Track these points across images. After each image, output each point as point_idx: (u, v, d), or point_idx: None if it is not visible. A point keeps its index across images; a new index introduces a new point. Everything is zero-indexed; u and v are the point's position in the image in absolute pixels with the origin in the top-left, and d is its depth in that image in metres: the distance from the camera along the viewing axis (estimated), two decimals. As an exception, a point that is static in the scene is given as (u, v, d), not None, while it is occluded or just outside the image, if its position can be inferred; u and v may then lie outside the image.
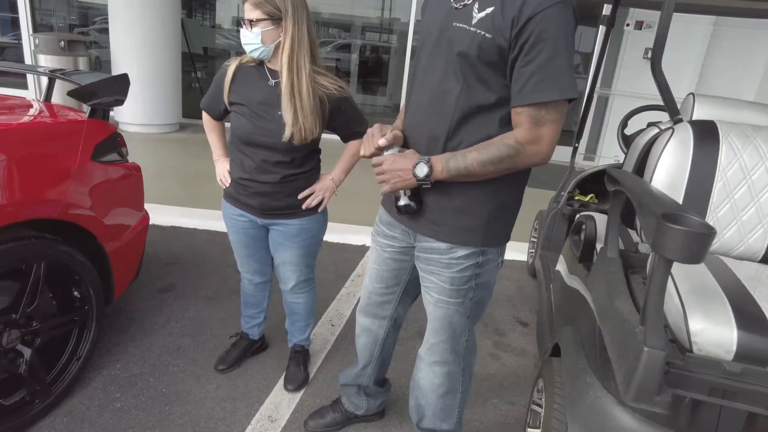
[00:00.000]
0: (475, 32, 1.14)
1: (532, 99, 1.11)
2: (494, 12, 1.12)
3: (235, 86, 1.71)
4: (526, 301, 2.96)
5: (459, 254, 1.32)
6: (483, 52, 1.14)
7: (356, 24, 7.52)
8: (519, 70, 1.12)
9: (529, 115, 1.13)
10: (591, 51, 6.55)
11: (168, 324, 2.37)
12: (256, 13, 1.55)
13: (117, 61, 5.49)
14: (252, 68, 1.70)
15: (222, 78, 1.72)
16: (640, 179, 1.27)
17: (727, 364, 1.07)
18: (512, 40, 1.10)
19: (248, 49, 1.61)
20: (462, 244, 1.31)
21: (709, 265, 1.35)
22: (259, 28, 1.56)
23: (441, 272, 1.36)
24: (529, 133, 1.14)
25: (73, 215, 1.76)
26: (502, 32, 1.11)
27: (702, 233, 0.87)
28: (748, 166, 1.47)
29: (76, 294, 1.84)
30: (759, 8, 2.36)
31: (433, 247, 1.35)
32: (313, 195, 1.80)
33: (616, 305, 1.22)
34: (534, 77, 1.09)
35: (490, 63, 1.15)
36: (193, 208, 3.64)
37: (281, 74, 1.60)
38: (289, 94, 1.59)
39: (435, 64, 1.25)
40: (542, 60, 1.08)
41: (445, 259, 1.34)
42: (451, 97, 1.21)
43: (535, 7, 1.06)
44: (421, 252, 1.40)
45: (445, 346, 1.48)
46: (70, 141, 1.81)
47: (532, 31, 1.07)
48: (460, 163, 1.19)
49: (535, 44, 1.08)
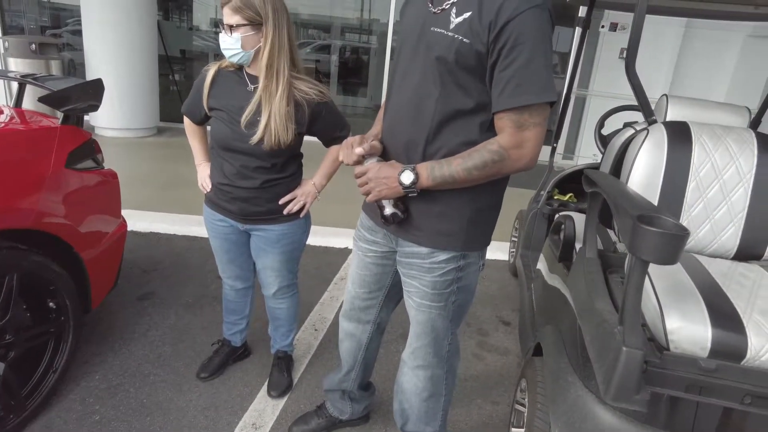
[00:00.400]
0: (453, 37, 1.14)
1: (512, 103, 1.11)
2: (472, 17, 1.12)
3: (215, 91, 1.69)
4: (509, 301, 2.99)
5: (440, 258, 1.33)
6: (461, 56, 1.14)
7: (336, 25, 7.50)
8: (498, 74, 1.12)
9: (511, 119, 1.13)
10: (568, 51, 6.66)
11: (148, 332, 2.33)
12: (235, 18, 1.53)
13: (92, 65, 5.38)
14: (231, 73, 1.68)
15: (201, 83, 1.70)
16: (616, 180, 1.30)
17: (703, 360, 1.09)
18: (490, 44, 1.10)
19: (228, 54, 1.59)
20: (443, 248, 1.32)
21: (684, 263, 1.38)
22: (239, 33, 1.54)
23: (422, 277, 1.36)
24: (512, 138, 1.14)
25: (47, 224, 1.72)
26: (479, 37, 1.11)
27: (676, 234, 0.89)
28: (720, 165, 1.50)
29: (52, 305, 1.80)
30: (728, 11, 2.42)
31: (414, 252, 1.35)
32: (294, 200, 1.78)
33: (595, 305, 1.24)
34: (513, 81, 1.09)
35: (469, 68, 1.15)
36: (172, 213, 3.58)
37: (259, 79, 1.59)
38: (264, 98, 1.59)
39: (413, 68, 1.24)
40: (520, 64, 1.08)
41: (426, 264, 1.34)
42: (429, 102, 1.21)
43: (512, 11, 1.06)
44: (402, 257, 1.40)
45: (428, 349, 1.48)
46: (43, 148, 1.77)
47: (509, 35, 1.07)
48: (445, 171, 1.18)
49: (513, 48, 1.08)
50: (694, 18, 4.78)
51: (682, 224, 0.93)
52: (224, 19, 1.55)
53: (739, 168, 1.49)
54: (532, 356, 1.74)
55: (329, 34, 7.68)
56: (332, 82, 7.78)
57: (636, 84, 1.57)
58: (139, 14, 5.33)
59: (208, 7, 7.14)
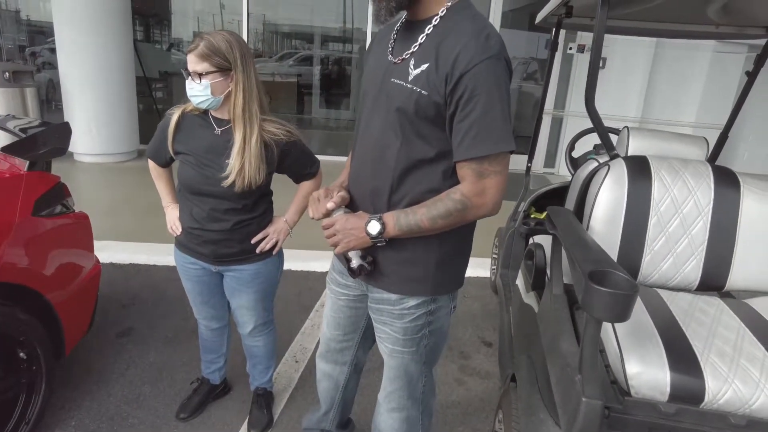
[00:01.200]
0: (412, 89, 1.16)
1: (470, 154, 1.13)
2: (429, 68, 1.13)
3: (180, 136, 1.68)
4: (490, 320, 3.00)
5: (410, 304, 1.33)
6: (420, 108, 1.15)
7: (316, 34, 7.52)
8: (456, 125, 1.13)
9: (471, 169, 1.15)
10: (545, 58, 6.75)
11: (127, 371, 2.31)
12: (203, 66, 1.52)
13: (67, 89, 5.33)
14: (196, 117, 1.68)
15: (165, 127, 1.69)
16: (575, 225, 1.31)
17: (663, 405, 1.11)
18: (447, 96, 1.12)
19: (196, 101, 1.58)
20: (411, 294, 1.32)
21: (645, 300, 1.40)
22: (208, 80, 1.53)
23: (393, 323, 1.37)
24: (473, 186, 1.16)
25: (13, 275, 1.70)
26: (437, 89, 1.12)
27: (625, 294, 0.90)
28: (679, 200, 1.53)
29: (22, 355, 1.78)
30: (690, 30, 2.47)
31: (383, 298, 1.36)
32: (267, 238, 1.78)
33: (560, 346, 1.25)
34: (471, 132, 1.11)
35: (428, 118, 1.17)
36: (151, 243, 3.56)
37: (234, 125, 1.59)
38: (241, 144, 1.58)
39: (375, 118, 1.26)
40: (477, 115, 1.10)
41: (396, 310, 1.35)
42: (391, 152, 1.22)
43: (467, 63, 1.08)
44: (372, 303, 1.41)
45: (402, 393, 1.48)
46: (7, 198, 1.75)
47: (465, 87, 1.09)
48: (411, 220, 1.20)
49: (470, 100, 1.10)
50: (657, 38, 4.88)
51: (633, 281, 0.94)
52: (190, 66, 1.54)
53: (698, 202, 1.52)
54: (509, 384, 1.75)
55: (311, 44, 7.69)
56: (314, 94, 7.79)
57: (596, 119, 1.59)
58: (115, 36, 5.30)
59: (186, 27, 7.13)
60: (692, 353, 1.17)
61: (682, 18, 2.32)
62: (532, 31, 6.99)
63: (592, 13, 2.44)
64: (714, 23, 2.31)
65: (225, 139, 1.63)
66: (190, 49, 1.54)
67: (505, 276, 2.81)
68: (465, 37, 1.10)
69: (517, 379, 1.64)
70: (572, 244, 1.15)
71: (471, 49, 1.08)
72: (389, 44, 1.27)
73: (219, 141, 1.64)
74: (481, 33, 1.11)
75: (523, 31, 7.07)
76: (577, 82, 6.47)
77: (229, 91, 1.57)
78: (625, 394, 1.15)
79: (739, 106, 2.22)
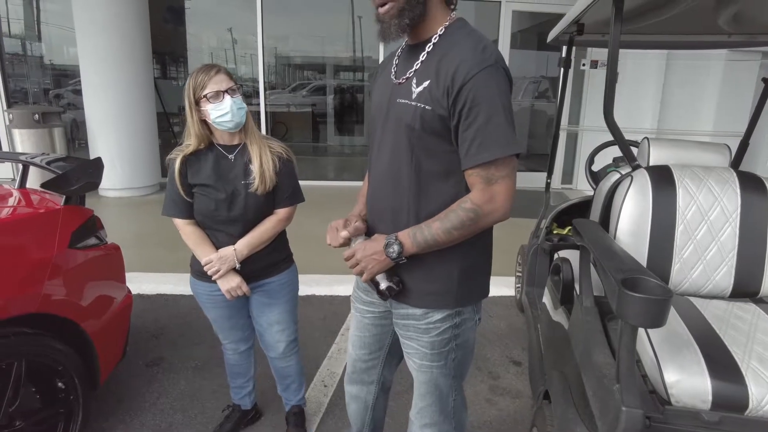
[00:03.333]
0: (416, 105, 1.21)
1: (477, 160, 1.16)
2: (430, 85, 1.19)
3: (191, 172, 1.72)
4: (518, 339, 2.97)
5: (435, 318, 1.35)
6: (425, 123, 1.20)
7: (328, 65, 7.69)
8: (462, 134, 1.18)
9: (479, 175, 1.18)
10: (558, 76, 6.81)
11: (158, 401, 2.33)
12: (231, 83, 1.67)
13: (92, 128, 5.53)
14: (201, 153, 1.73)
15: (172, 175, 1.73)
16: (602, 235, 1.32)
17: (706, 414, 1.09)
18: (450, 108, 1.17)
19: (242, 113, 1.68)
20: (436, 308, 1.34)
21: (679, 309, 1.39)
22: (238, 95, 1.68)
23: (420, 337, 1.38)
24: (482, 194, 1.19)
25: (52, 306, 1.76)
26: (439, 102, 1.17)
27: (660, 299, 0.91)
28: (705, 207, 1.53)
29: (60, 385, 1.82)
30: (703, 41, 2.49)
31: (409, 314, 1.38)
32: (210, 264, 1.73)
33: (594, 358, 1.25)
34: (477, 140, 1.15)
35: (435, 132, 1.21)
36: (176, 273, 3.62)
37: (250, 140, 1.73)
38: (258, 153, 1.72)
39: (386, 138, 1.31)
40: (481, 123, 1.14)
41: (422, 325, 1.37)
42: (405, 170, 1.27)
43: (465, 74, 1.13)
44: (398, 318, 1.43)
45: (433, 408, 1.48)
46: (47, 232, 1.82)
47: (466, 97, 1.14)
48: (426, 235, 1.22)
49: (472, 109, 1.14)
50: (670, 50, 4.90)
51: (666, 286, 0.94)
52: (221, 85, 1.63)
53: (724, 208, 1.51)
54: (542, 401, 1.73)
55: (324, 74, 7.87)
56: (329, 123, 7.93)
57: (616, 132, 1.61)
58: (136, 75, 5.51)
59: (201, 62, 7.35)
60: (732, 360, 1.16)
61: (693, 29, 2.34)
62: (541, 50, 7.08)
63: (604, 29, 2.48)
64: (726, 32, 2.33)
65: (240, 161, 1.72)
66: (216, 71, 1.65)
67: (531, 294, 2.80)
68: (462, 50, 1.16)
69: (550, 395, 1.62)
70: (602, 254, 1.15)
71: (468, 60, 1.13)
72: (392, 68, 1.33)
73: (234, 165, 1.73)
74: (478, 46, 1.16)
75: (532, 50, 7.16)
76: (590, 98, 6.50)
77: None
78: (665, 403, 1.14)
79: (758, 112, 2.22)
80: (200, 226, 1.78)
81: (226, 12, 7.02)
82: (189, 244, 1.79)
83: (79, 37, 5.38)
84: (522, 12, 6.59)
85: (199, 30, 7.04)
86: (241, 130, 1.73)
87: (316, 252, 1.85)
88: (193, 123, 1.67)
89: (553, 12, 6.32)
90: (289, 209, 1.81)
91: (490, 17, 6.56)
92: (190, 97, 1.64)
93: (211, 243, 1.78)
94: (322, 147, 8.01)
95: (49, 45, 6.91)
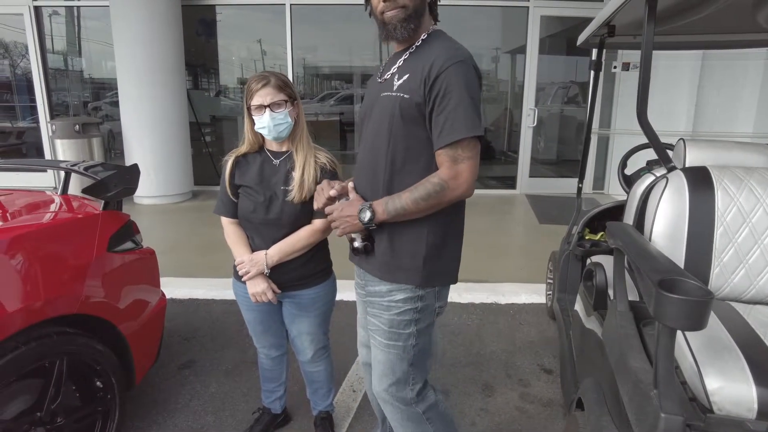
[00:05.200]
0: (396, 95, 1.38)
1: (446, 140, 1.31)
2: (410, 77, 1.37)
3: (238, 173, 1.79)
4: (549, 347, 2.91)
5: (397, 297, 1.46)
6: (404, 110, 1.36)
7: (355, 74, 7.77)
8: (434, 119, 1.34)
9: (447, 155, 1.33)
10: (587, 80, 6.70)
11: (190, 402, 2.38)
12: (281, 96, 1.68)
13: (129, 139, 5.72)
14: (252, 155, 1.80)
15: (224, 174, 1.80)
16: (637, 237, 1.29)
17: (751, 423, 1.04)
18: (426, 95, 1.33)
19: (280, 128, 1.70)
20: (400, 282, 1.44)
21: (719, 314, 1.34)
22: (286, 109, 1.69)
23: (381, 314, 1.49)
24: (449, 171, 1.34)
25: (92, 308, 1.82)
26: (417, 91, 1.34)
27: (700, 301, 0.88)
28: (746, 209, 1.47)
29: (99, 384, 1.87)
30: (743, 40, 2.41)
31: (375, 291, 1.50)
32: (241, 264, 1.77)
33: (630, 364, 1.21)
34: (447, 123, 1.31)
35: (411, 118, 1.37)
36: (208, 278, 3.70)
37: (297, 148, 1.75)
38: (302, 163, 1.73)
39: (370, 127, 1.48)
40: (450, 108, 1.30)
41: (384, 302, 1.47)
42: (382, 153, 1.42)
43: (440, 67, 1.30)
44: (367, 296, 1.53)
45: (390, 392, 1.54)
46: (87, 236, 1.89)
47: (440, 86, 1.30)
48: (397, 204, 1.36)
49: (444, 96, 1.30)
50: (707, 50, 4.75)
51: (706, 288, 0.91)
52: (266, 99, 1.65)
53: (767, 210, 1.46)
54: (575, 409, 1.69)
55: (350, 83, 7.94)
56: (356, 131, 7.99)
57: (650, 133, 1.57)
58: (170, 87, 5.69)
59: (231, 73, 7.53)
60: None
61: (730, 28, 2.28)
62: (570, 55, 6.98)
63: (636, 30, 2.43)
64: (765, 30, 2.25)
65: (284, 168, 1.75)
66: (262, 84, 1.66)
67: (563, 300, 2.74)
68: (438, 49, 1.35)
69: (583, 402, 1.58)
70: (637, 255, 1.13)
71: (443, 56, 1.31)
72: (378, 72, 1.53)
73: (277, 170, 1.75)
74: (452, 46, 1.35)
75: (560, 56, 7.07)
76: (621, 101, 6.37)
77: (296, 118, 1.74)
78: (707, 411, 1.10)
79: None
80: (242, 228, 1.82)
81: (257, 24, 7.17)
82: (228, 243, 1.85)
83: (117, 52, 5.59)
84: (550, 17, 6.52)
85: (229, 41, 7.21)
86: (289, 139, 1.76)
87: (343, 258, 1.86)
88: (247, 127, 1.74)
89: (581, 16, 6.23)
90: (325, 221, 1.73)
91: (518, 23, 6.52)
92: (244, 103, 1.70)
93: (248, 244, 1.81)
94: (350, 155, 8.07)
95: (88, 60, 7.20)
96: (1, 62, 7.13)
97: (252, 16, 7.13)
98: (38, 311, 1.62)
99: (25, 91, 7.00)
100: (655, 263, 1.06)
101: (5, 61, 7.11)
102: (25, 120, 7.21)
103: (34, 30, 6.50)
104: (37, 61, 6.59)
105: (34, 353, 1.60)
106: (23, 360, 1.57)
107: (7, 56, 7.09)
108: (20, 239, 1.65)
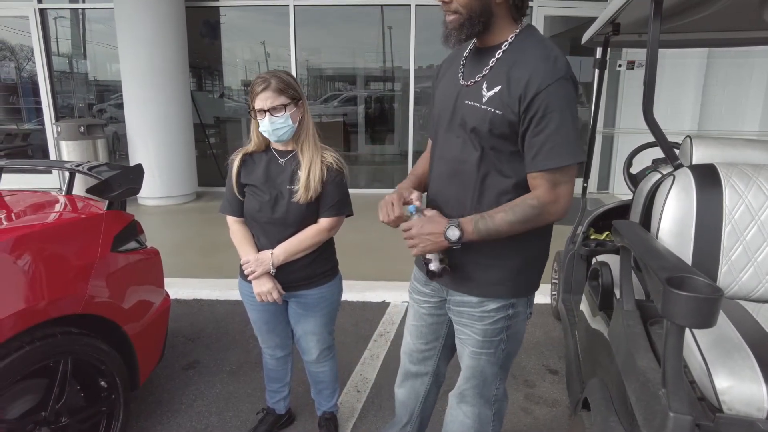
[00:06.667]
0: (486, 109, 1.26)
1: (547, 165, 1.22)
2: (502, 90, 1.24)
3: (245, 171, 1.78)
4: (554, 347, 2.90)
5: (490, 307, 1.40)
6: (494, 126, 1.26)
7: (359, 75, 7.77)
8: (530, 139, 1.23)
9: (545, 179, 1.24)
10: (591, 80, 6.68)
11: (195, 403, 2.37)
12: (281, 99, 1.64)
13: (133, 141, 5.74)
14: (258, 154, 1.79)
15: (230, 172, 1.79)
16: (644, 234, 1.27)
17: (762, 423, 1.03)
18: (521, 114, 1.22)
19: (279, 133, 1.67)
20: (493, 297, 1.38)
21: (728, 313, 1.32)
22: (287, 112, 1.65)
23: (473, 325, 1.43)
24: (548, 195, 1.25)
25: (96, 307, 1.81)
26: (510, 108, 1.23)
27: (709, 298, 0.87)
28: (755, 206, 1.46)
29: (103, 384, 1.87)
30: (748, 37, 2.40)
31: (464, 301, 1.43)
32: (247, 264, 1.76)
33: (637, 363, 1.20)
34: (546, 146, 1.21)
35: (502, 134, 1.27)
36: (212, 279, 3.70)
37: (303, 149, 1.72)
38: (308, 163, 1.70)
39: (452, 137, 1.37)
40: (551, 130, 1.20)
41: (476, 313, 1.41)
42: (470, 165, 1.33)
43: (539, 84, 1.19)
44: (453, 305, 1.47)
45: (475, 391, 1.52)
46: (91, 236, 1.89)
47: (539, 106, 1.20)
48: (489, 224, 1.26)
49: (543, 117, 1.20)
50: (712, 47, 4.72)
51: (715, 284, 0.90)
52: (266, 103, 1.63)
53: None
54: (581, 410, 1.67)
55: (354, 85, 7.95)
56: (360, 132, 7.99)
57: (656, 130, 1.56)
58: (174, 89, 5.71)
59: (235, 75, 7.55)
60: None
61: (736, 25, 2.26)
62: (573, 55, 6.96)
63: (641, 29, 2.42)
64: (772, 28, 2.23)
65: (290, 167, 1.73)
66: (262, 88, 1.64)
67: (568, 301, 2.72)
68: (535, 60, 1.21)
69: (590, 403, 1.57)
70: (645, 253, 1.11)
71: (541, 71, 1.19)
72: (459, 69, 1.37)
73: (282, 169, 1.74)
74: (550, 57, 1.22)
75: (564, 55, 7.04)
76: (626, 100, 6.34)
77: (300, 119, 1.71)
78: (716, 410, 1.08)
79: None
80: (247, 227, 1.82)
81: (260, 25, 7.19)
82: (234, 242, 1.84)
83: (121, 54, 5.61)
84: (554, 17, 6.50)
85: (233, 43, 7.22)
86: (294, 139, 1.74)
87: (349, 258, 1.85)
88: (252, 127, 1.73)
89: (585, 16, 6.21)
90: (331, 220, 1.77)
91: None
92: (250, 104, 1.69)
93: (254, 244, 1.80)
94: (354, 156, 8.07)
95: (93, 62, 7.23)
96: (7, 65, 7.17)
97: (256, 18, 7.15)
98: (43, 311, 1.62)
99: (30, 94, 7.04)
100: (663, 260, 1.04)
101: (11, 63, 7.15)
102: (31, 122, 7.25)
103: (39, 32, 6.54)
104: (43, 63, 6.62)
105: (39, 353, 1.60)
106: (28, 360, 1.57)
107: (13, 59, 7.13)
108: (25, 239, 1.65)
